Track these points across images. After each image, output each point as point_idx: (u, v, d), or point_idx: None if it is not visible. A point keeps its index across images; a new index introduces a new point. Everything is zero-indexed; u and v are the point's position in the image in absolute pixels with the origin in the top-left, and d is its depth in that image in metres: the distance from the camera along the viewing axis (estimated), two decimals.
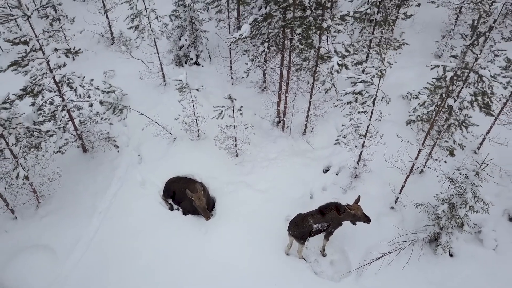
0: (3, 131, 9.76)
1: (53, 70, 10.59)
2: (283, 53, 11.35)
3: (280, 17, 10.37)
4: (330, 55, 10.88)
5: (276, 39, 11.10)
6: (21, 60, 10.08)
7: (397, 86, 15.47)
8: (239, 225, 10.98)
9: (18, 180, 10.01)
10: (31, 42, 9.82)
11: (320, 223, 9.66)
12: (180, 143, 12.90)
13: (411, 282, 9.74)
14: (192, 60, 16.28)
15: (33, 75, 10.47)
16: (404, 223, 10.80)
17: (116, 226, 11.23)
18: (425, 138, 9.49)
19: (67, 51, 10.56)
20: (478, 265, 10.19)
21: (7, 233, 11.13)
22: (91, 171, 12.53)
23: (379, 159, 11.46)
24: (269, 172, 12.23)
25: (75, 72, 11.10)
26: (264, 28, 10.68)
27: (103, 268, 10.41)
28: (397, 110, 14.31)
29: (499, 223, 10.86)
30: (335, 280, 10.08)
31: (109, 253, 10.71)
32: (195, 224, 10.99)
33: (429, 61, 16.94)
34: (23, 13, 9.42)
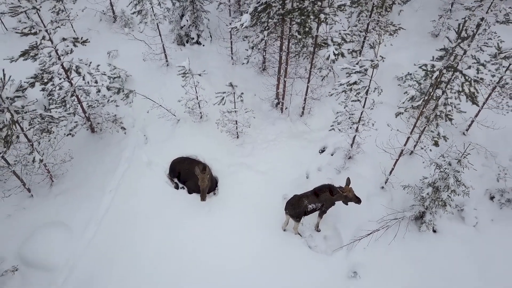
0: (18, 117, 10.39)
1: (61, 57, 11.11)
2: (282, 40, 11.79)
3: (279, 8, 10.75)
4: (328, 43, 11.33)
5: (275, 27, 11.51)
6: (31, 49, 10.57)
7: (392, 67, 15.92)
8: (240, 204, 11.84)
9: (35, 164, 10.76)
10: (40, 33, 10.28)
11: (315, 203, 10.50)
12: (184, 124, 13.55)
13: (397, 257, 10.69)
14: (193, 39, 16.62)
15: (42, 62, 11.02)
16: (393, 202, 11.66)
17: (125, 205, 12.08)
18: (413, 127, 10.15)
19: (75, 39, 11.01)
20: (459, 240, 11.12)
21: (25, 210, 11.98)
22: (99, 152, 13.24)
23: (371, 141, 12.17)
24: (268, 153, 12.95)
25: (82, 59, 11.58)
26: (264, 17, 11.06)
27: (115, 244, 11.32)
28: (391, 92, 14.94)
29: (480, 202, 11.72)
30: (328, 254, 11.04)
31: (120, 230, 11.60)
32: (200, 203, 11.80)
33: (426, 40, 17.40)
34: (32, 6, 9.83)
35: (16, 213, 11.91)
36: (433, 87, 8.86)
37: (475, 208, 11.46)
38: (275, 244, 11.24)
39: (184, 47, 16.73)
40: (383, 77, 15.52)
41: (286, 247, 11.19)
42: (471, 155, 10.11)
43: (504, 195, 11.35)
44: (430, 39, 17.19)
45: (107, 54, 15.97)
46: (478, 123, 12.80)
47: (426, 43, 17.03)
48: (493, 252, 10.86)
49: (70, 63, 11.32)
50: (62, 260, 11.05)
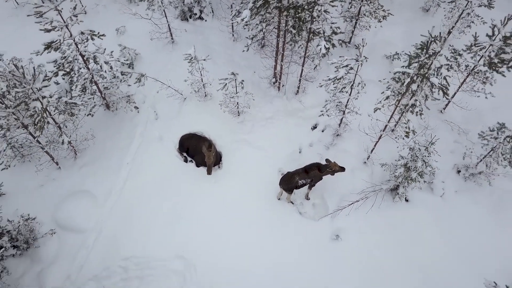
0: (47, 105, 11.89)
1: (79, 47, 12.37)
2: (279, 29, 12.97)
3: (276, 6, 11.86)
4: (320, 32, 12.50)
5: (273, 18, 12.65)
6: (53, 43, 11.82)
7: (383, 44, 17.08)
8: (241, 176, 13.65)
9: (64, 145, 12.45)
10: (63, 30, 11.50)
11: (305, 179, 12.31)
12: (190, 103, 15.02)
13: (373, 223, 12.68)
14: (196, 15, 17.60)
15: (62, 51, 12.29)
16: (373, 176, 13.48)
17: (141, 176, 13.88)
18: (390, 118, 11.69)
19: (91, 32, 12.19)
20: (427, 209, 13.05)
21: (55, 181, 13.83)
22: (115, 128, 14.84)
23: (357, 121, 13.75)
24: (266, 130, 14.55)
25: (98, 48, 12.83)
26: (263, 11, 12.19)
27: (134, 210, 13.25)
28: (381, 70, 16.23)
29: (448, 175, 13.54)
30: (315, 220, 13.04)
31: (137, 197, 13.49)
32: (207, 175, 13.61)
33: (417, 16, 18.30)
34: (55, 8, 10.97)
35: (47, 183, 13.78)
36: (405, 89, 10.31)
37: (443, 181, 13.31)
38: (270, 210, 13.19)
39: (188, 22, 17.74)
40: (374, 54, 16.77)
41: (280, 213, 13.16)
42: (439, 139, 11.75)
43: (469, 170, 13.14)
44: (421, 14, 18.16)
45: (116, 31, 17.04)
46: (453, 104, 14.29)
47: (418, 19, 18.04)
48: (454, 218, 12.85)
49: (88, 53, 12.60)
50: (91, 223, 13.08)
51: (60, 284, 12.13)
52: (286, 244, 12.58)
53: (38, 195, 13.56)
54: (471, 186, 13.23)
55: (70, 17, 11.79)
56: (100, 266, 12.38)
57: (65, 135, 12.47)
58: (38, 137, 12.02)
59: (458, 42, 15.77)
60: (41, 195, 13.56)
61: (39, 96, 11.47)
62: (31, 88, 11.26)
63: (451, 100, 14.27)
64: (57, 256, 12.55)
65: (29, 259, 12.50)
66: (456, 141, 14.28)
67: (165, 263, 12.35)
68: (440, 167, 13.42)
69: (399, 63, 15.76)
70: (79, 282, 12.15)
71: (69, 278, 12.24)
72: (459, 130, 14.41)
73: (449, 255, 12.34)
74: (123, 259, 12.50)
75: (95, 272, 12.29)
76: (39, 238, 12.64)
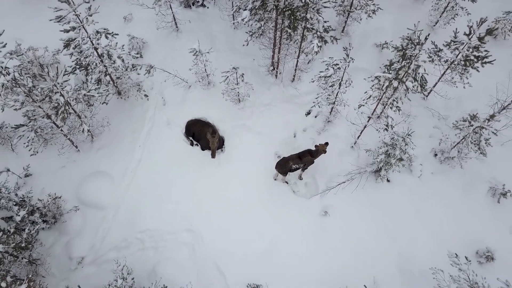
0: (68, 98, 13.32)
1: (94, 43, 13.62)
2: (276, 26, 14.17)
3: (273, 7, 13.02)
4: (314, 28, 13.70)
5: (270, 18, 13.83)
6: (71, 41, 13.07)
7: (374, 32, 18.13)
8: (241, 159, 15.26)
9: (84, 133, 14.00)
10: (80, 31, 12.73)
11: (298, 164, 13.94)
12: (194, 90, 16.40)
13: (358, 201, 14.41)
14: (198, 2, 18.60)
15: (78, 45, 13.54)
16: (359, 159, 15.11)
17: (152, 157, 15.50)
18: (372, 112, 13.14)
19: (105, 31, 13.40)
20: (406, 188, 14.75)
21: (75, 162, 15.47)
22: (127, 113, 16.29)
23: (346, 111, 15.22)
24: (264, 117, 16.02)
25: (110, 43, 14.06)
26: (261, 12, 13.36)
27: (147, 188, 14.96)
28: (371, 58, 17.47)
29: (426, 158, 15.16)
30: (307, 197, 14.78)
31: (150, 177, 15.16)
32: (211, 158, 15.21)
33: (408, 3, 19.25)
34: (74, 13, 12.17)
35: (68, 164, 15.43)
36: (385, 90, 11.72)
37: (421, 163, 14.94)
38: (267, 189, 14.90)
39: (190, 9, 18.75)
40: (366, 42, 17.96)
41: (276, 191, 14.88)
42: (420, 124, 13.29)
43: (444, 154, 14.74)
44: (412, 1, 19.10)
45: (123, 19, 18.14)
46: (435, 92, 15.68)
47: (408, 6, 19.01)
48: (429, 197, 14.54)
49: (103, 49, 13.86)
50: (110, 200, 14.83)
51: (85, 253, 14.06)
52: (281, 218, 14.37)
53: (61, 175, 15.24)
54: (446, 168, 14.88)
55: (86, 17, 12.99)
56: (119, 238, 14.27)
57: (85, 124, 13.99)
58: (61, 127, 13.54)
59: (444, 32, 16.96)
60: (63, 175, 15.24)
61: (61, 90, 12.89)
62: (54, 84, 12.65)
63: (433, 89, 15.63)
64: (81, 229, 14.42)
65: (57, 231, 14.38)
66: (435, 126, 15.78)
67: (176, 236, 14.22)
68: (419, 151, 15.06)
69: (387, 52, 16.96)
70: (102, 252, 14.08)
71: (93, 248, 14.15)
72: (439, 116, 15.88)
73: (423, 229, 14.16)
74: (139, 231, 14.37)
75: (116, 243, 14.19)
76: (65, 214, 14.44)
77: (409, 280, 13.33)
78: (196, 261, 13.70)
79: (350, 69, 13.88)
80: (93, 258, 14.01)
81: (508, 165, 14.77)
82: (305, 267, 13.62)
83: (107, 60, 14.10)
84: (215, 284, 13.25)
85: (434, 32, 17.56)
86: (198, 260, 13.70)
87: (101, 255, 14.05)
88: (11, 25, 18.31)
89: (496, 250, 13.45)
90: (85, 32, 12.87)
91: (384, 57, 16.94)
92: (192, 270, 13.56)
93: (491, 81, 15.74)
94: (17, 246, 11.68)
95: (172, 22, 17.44)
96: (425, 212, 14.38)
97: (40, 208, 13.69)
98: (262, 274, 13.37)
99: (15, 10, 19.01)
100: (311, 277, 13.48)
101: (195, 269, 13.55)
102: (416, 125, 15.62)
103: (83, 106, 14.24)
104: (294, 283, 13.36)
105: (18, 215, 12.52)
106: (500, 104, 13.70)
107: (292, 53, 15.33)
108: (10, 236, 11.66)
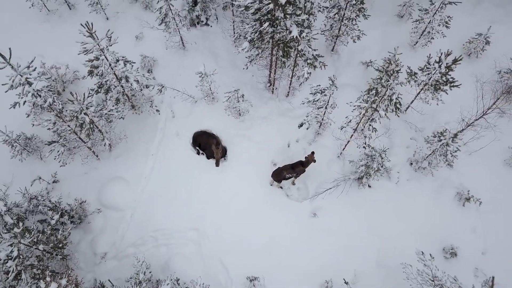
0: (93, 117, 15.43)
1: (114, 69, 15.66)
2: (272, 53, 16.20)
3: (269, 40, 15.04)
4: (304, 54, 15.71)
5: (267, 48, 15.86)
6: (95, 68, 15.11)
7: (361, 49, 20.09)
8: (242, 166, 17.45)
9: (105, 146, 16.16)
10: (103, 62, 14.75)
11: (291, 173, 16.13)
12: (200, 105, 18.49)
13: (342, 204, 16.60)
14: (203, 22, 20.55)
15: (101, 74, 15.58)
16: (344, 168, 17.30)
17: (164, 165, 17.69)
18: (351, 135, 15.31)
19: (123, 58, 15.43)
20: (385, 193, 16.96)
21: (96, 169, 17.65)
22: (140, 125, 18.40)
23: (333, 125, 17.34)
24: (262, 128, 18.15)
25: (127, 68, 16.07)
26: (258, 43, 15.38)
27: (160, 192, 17.18)
28: (357, 75, 19.52)
29: (403, 167, 17.33)
30: (299, 201, 17.01)
31: (162, 182, 17.37)
32: (215, 167, 17.39)
33: (393, 21, 21.16)
34: (98, 47, 14.18)
35: (90, 171, 17.61)
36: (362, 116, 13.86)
37: (398, 171, 17.14)
38: (264, 193, 17.13)
39: (196, 28, 20.70)
40: (352, 59, 19.99)
41: (272, 195, 17.11)
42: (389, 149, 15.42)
43: (418, 163, 16.92)
44: (396, 20, 21.01)
45: (135, 38, 20.12)
46: (412, 108, 17.78)
47: (393, 24, 20.90)
48: (404, 200, 16.75)
49: (121, 73, 15.90)
50: (127, 203, 17.06)
51: (107, 249, 16.36)
52: (276, 219, 16.63)
53: (84, 181, 17.45)
54: (420, 175, 17.07)
55: (106, 47, 15.00)
56: (136, 236, 16.56)
57: (107, 139, 16.15)
58: (87, 142, 15.72)
59: (424, 50, 18.95)
60: (86, 180, 17.45)
61: (86, 111, 15.00)
62: (81, 107, 14.75)
63: (410, 105, 17.73)
64: (103, 228, 16.69)
65: (83, 230, 16.66)
66: (412, 137, 17.92)
67: (184, 234, 16.51)
68: (397, 159, 17.28)
69: (371, 69, 18.97)
70: (122, 248, 16.38)
71: (114, 244, 16.44)
72: (416, 129, 18.02)
73: (399, 228, 16.39)
74: (153, 230, 16.64)
75: (133, 241, 16.48)
76: (89, 215, 16.70)
77: (385, 273, 15.65)
78: (203, 256, 16.01)
79: (338, 84, 16.14)
80: (114, 254, 16.31)
81: (473, 173, 16.96)
82: (297, 261, 15.91)
83: (125, 82, 16.16)
84: (219, 276, 15.58)
85: (415, 50, 19.57)
86: (204, 256, 16.01)
87: (121, 251, 16.35)
88: (33, 41, 20.31)
89: (459, 247, 15.76)
90: (106, 60, 14.88)
91: (369, 73, 18.96)
92: (199, 264, 15.88)
93: (463, 96, 17.78)
94: (55, 246, 13.94)
95: (179, 41, 19.40)
96: (401, 214, 16.61)
97: (68, 211, 15.91)
98: (260, 267, 15.69)
99: (37, 27, 20.88)
100: (302, 270, 15.79)
101: (202, 263, 15.87)
102: (395, 136, 17.83)
103: (104, 122, 16.34)
104: (287, 275, 15.67)
105: (52, 219, 14.76)
106: (465, 123, 15.79)
107: (286, 74, 17.36)
108: (48, 237, 13.90)
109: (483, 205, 16.33)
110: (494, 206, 16.43)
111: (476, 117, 15.59)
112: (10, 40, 19.91)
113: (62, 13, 20.93)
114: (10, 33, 20.45)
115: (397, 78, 13.58)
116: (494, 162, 17.17)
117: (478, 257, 15.80)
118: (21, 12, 20.77)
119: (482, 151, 17.08)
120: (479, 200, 16.22)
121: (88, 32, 13.65)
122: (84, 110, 14.89)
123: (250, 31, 15.05)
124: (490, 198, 16.50)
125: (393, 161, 17.07)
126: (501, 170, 17.11)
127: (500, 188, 16.77)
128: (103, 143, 16.23)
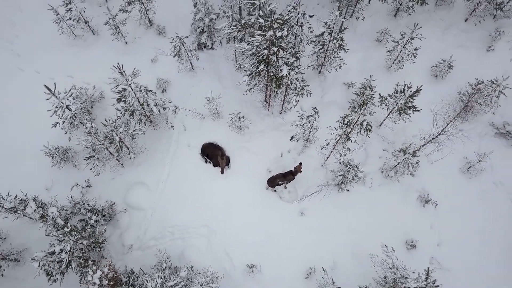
0: (121, 135, 18.94)
1: (137, 95, 19.09)
2: (267, 83, 19.63)
3: (265, 74, 18.45)
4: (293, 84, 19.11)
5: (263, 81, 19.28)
6: (122, 97, 18.53)
7: (344, 71, 23.42)
8: (242, 174, 21.04)
9: (131, 160, 19.74)
10: (130, 94, 18.17)
11: (283, 181, 19.74)
12: (207, 120, 21.97)
13: (325, 205, 20.26)
14: (208, 46, 23.85)
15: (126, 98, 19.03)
16: (327, 175, 20.89)
17: (178, 171, 21.26)
18: (330, 152, 18.82)
19: (145, 88, 18.85)
20: (360, 195, 20.58)
21: (121, 175, 21.25)
22: (157, 137, 21.93)
23: (317, 142, 20.84)
24: (259, 141, 21.67)
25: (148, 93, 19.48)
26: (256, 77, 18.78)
27: (175, 194, 20.81)
28: (341, 94, 22.94)
29: (375, 174, 20.92)
30: (289, 202, 20.65)
31: (177, 186, 20.98)
32: (221, 174, 20.98)
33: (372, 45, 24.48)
34: (126, 83, 17.57)
35: (116, 177, 21.22)
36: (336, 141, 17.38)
37: (371, 178, 20.75)
38: (261, 195, 20.77)
39: (202, 52, 24.01)
40: (336, 80, 23.37)
41: (267, 197, 20.75)
42: (365, 159, 19.00)
43: (387, 172, 20.52)
44: (376, 44, 24.26)
45: (151, 61, 23.45)
46: (384, 125, 21.28)
47: (373, 47, 24.18)
48: (376, 201, 20.42)
49: (143, 98, 19.33)
50: (148, 204, 20.73)
51: (133, 242, 20.10)
52: (271, 217, 20.31)
53: (111, 185, 21.08)
54: (389, 181, 20.68)
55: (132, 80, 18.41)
56: (156, 231, 20.27)
57: (132, 153, 19.73)
58: (117, 157, 19.30)
59: (397, 74, 22.34)
60: (113, 185, 21.08)
61: (116, 132, 18.52)
62: (112, 128, 18.27)
63: (383, 122, 21.22)
64: (129, 225, 20.40)
65: (112, 226, 20.38)
66: (384, 149, 21.47)
67: (196, 230, 20.22)
68: (371, 168, 20.87)
69: (352, 89, 22.37)
70: (145, 241, 20.11)
71: (138, 238, 20.17)
72: (388, 141, 21.55)
73: (372, 224, 20.09)
74: (170, 226, 20.35)
75: (154, 235, 20.20)
76: (117, 214, 20.39)
77: (357, 262, 19.40)
78: (211, 248, 19.75)
79: (324, 102, 19.74)
80: (139, 245, 20.06)
81: (434, 179, 20.57)
82: (288, 252, 19.65)
83: (146, 106, 19.63)
84: (225, 264, 19.36)
85: (390, 72, 22.92)
86: (213, 247, 19.75)
87: (144, 243, 20.09)
88: (62, 63, 23.65)
89: (418, 240, 19.49)
90: (131, 90, 18.31)
91: (350, 93, 22.37)
92: (209, 254, 19.64)
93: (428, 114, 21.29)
94: (95, 241, 17.67)
95: (189, 65, 22.74)
96: (373, 213, 20.28)
97: (101, 211, 19.59)
98: (257, 257, 19.44)
99: (65, 51, 24.15)
100: (292, 259, 19.54)
101: (211, 254, 19.63)
102: (371, 148, 21.38)
103: (129, 138, 19.88)
104: (280, 263, 19.44)
105: (91, 219, 18.44)
106: (425, 140, 19.32)
107: (279, 98, 20.82)
108: (90, 234, 17.61)
109: (440, 206, 20.02)
110: (449, 206, 20.11)
111: (432, 136, 19.11)
112: (43, 62, 23.45)
113: (87, 38, 24.18)
114: (43, 56, 23.75)
115: (372, 99, 17.15)
116: (451, 170, 20.77)
117: (434, 248, 19.54)
118: (52, 36, 24.02)
119: (442, 161, 20.66)
120: (435, 202, 19.86)
121: (119, 71, 17.08)
122: (114, 131, 18.41)
123: (249, 68, 18.46)
124: (447, 199, 20.17)
125: (367, 169, 20.70)
126: (457, 176, 20.72)
127: (455, 191, 20.42)
128: (129, 156, 19.78)
